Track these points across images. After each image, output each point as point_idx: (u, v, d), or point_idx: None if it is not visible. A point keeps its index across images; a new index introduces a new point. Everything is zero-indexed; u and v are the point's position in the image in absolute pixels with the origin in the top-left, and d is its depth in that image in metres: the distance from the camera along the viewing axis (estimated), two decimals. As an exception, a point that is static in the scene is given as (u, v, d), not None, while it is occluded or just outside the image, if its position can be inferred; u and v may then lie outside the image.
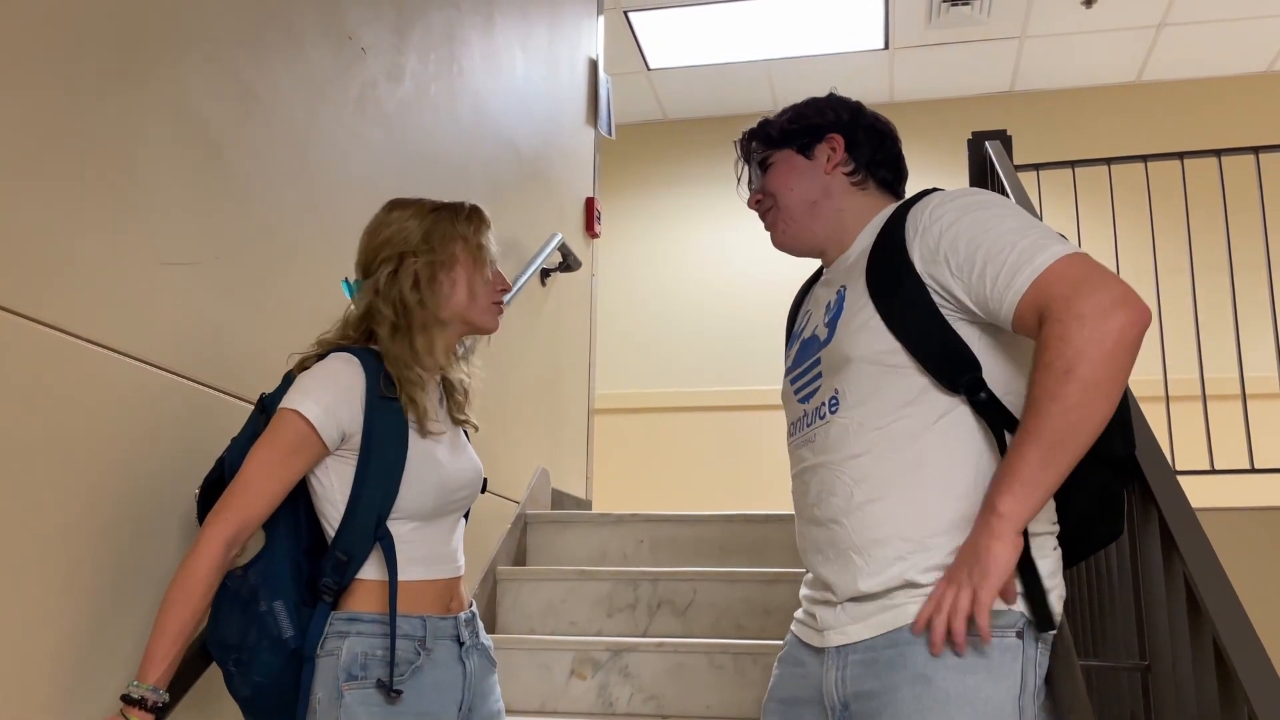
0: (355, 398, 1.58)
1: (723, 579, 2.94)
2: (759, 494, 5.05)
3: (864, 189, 1.55)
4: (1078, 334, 1.22)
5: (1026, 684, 1.30)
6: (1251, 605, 1.43)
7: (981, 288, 1.31)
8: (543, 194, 3.85)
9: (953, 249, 1.34)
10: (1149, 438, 1.67)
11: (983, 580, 1.25)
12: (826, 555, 1.41)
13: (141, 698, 1.44)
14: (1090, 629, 1.92)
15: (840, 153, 1.55)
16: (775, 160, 1.59)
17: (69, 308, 1.58)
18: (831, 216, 1.54)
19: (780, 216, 1.58)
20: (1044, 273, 1.27)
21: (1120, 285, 1.24)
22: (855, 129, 1.56)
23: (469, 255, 1.69)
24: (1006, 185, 2.93)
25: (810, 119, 1.58)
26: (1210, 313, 3.69)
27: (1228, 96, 5.74)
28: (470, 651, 1.65)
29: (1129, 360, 1.23)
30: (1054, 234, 1.33)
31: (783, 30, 5.50)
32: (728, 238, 6.12)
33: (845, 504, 1.38)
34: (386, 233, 1.69)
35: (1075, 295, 1.24)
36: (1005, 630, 1.30)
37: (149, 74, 1.78)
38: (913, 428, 1.35)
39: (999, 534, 1.25)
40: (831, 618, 1.39)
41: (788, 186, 1.56)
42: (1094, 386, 1.22)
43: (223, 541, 1.51)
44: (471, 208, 1.73)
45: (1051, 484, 1.26)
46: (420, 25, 2.85)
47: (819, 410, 1.45)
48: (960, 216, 1.35)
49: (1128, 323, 1.22)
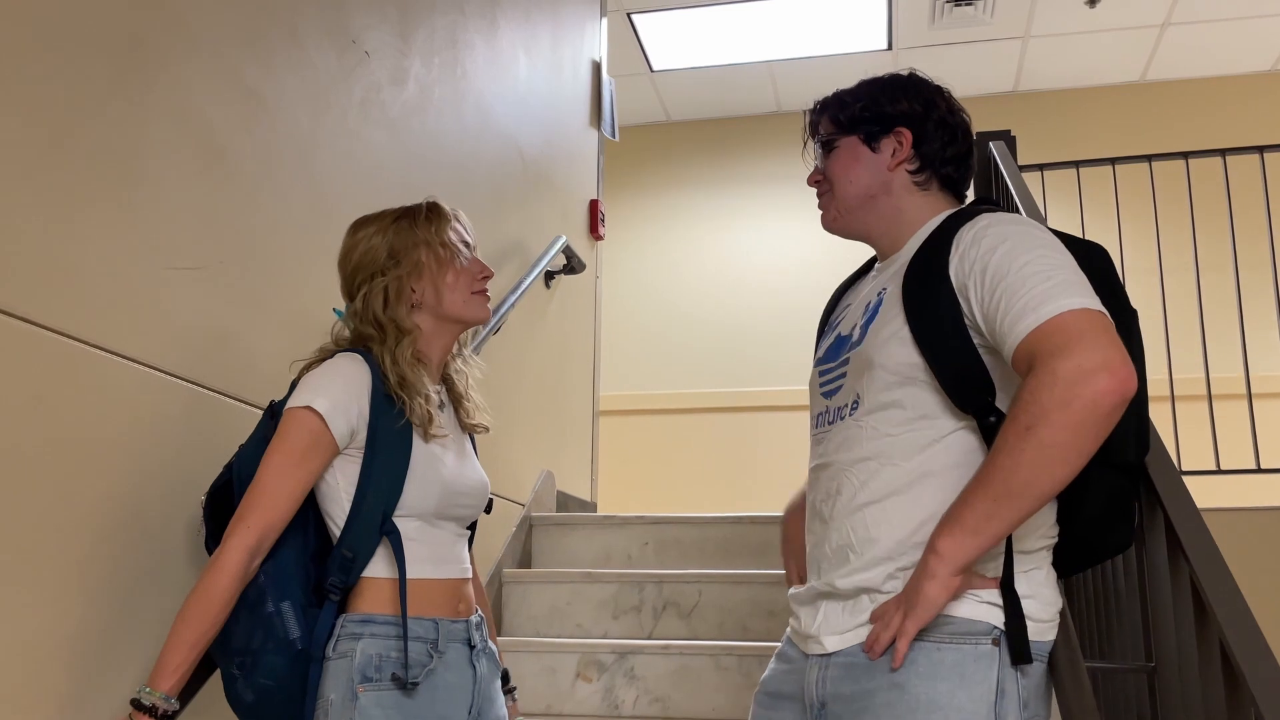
0: (362, 395, 1.59)
1: (728, 581, 2.94)
2: (764, 495, 5.04)
3: (925, 189, 1.52)
4: (1047, 393, 1.21)
5: (1005, 691, 1.30)
6: (1258, 606, 1.43)
7: (993, 323, 1.31)
8: (547, 196, 3.85)
9: (981, 277, 1.34)
10: (1155, 438, 1.66)
11: (910, 613, 1.29)
12: (825, 551, 1.44)
13: (153, 705, 1.44)
14: (1096, 630, 1.91)
15: (906, 149, 1.50)
16: (840, 145, 1.54)
17: (73, 312, 1.58)
18: (888, 213, 1.52)
19: (834, 204, 1.55)
20: (1045, 323, 1.25)
21: (1109, 351, 1.21)
22: (926, 123, 1.51)
23: (434, 257, 1.68)
24: (1010, 186, 2.93)
25: (883, 107, 1.52)
26: (1215, 312, 3.69)
27: (1232, 96, 5.73)
28: (480, 655, 1.66)
29: (1098, 427, 1.21)
30: (1078, 284, 1.30)
31: (786, 31, 5.50)
32: (732, 239, 6.12)
33: (848, 504, 1.40)
34: (355, 257, 1.71)
35: (1059, 353, 1.22)
36: (980, 638, 1.31)
37: (153, 78, 1.79)
38: (921, 440, 1.37)
39: (933, 573, 1.27)
40: (813, 625, 1.42)
41: (847, 177, 1.53)
42: (1051, 448, 1.21)
43: (246, 551, 1.50)
44: (429, 207, 1.73)
45: (996, 534, 1.26)
46: (424, 29, 2.85)
47: (840, 410, 1.46)
48: (998, 245, 1.34)
49: (1103, 391, 1.20)
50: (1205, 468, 3.34)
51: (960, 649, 1.31)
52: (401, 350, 1.64)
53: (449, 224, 1.72)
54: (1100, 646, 1.89)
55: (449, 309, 1.69)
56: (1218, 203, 3.65)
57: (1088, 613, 1.94)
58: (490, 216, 3.29)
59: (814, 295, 5.59)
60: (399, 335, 1.65)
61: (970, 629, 1.31)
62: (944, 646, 1.30)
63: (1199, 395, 3.50)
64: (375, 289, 1.66)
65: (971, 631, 1.31)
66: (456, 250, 1.70)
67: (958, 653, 1.30)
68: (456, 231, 1.73)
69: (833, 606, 1.40)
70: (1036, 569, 1.37)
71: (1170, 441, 2.99)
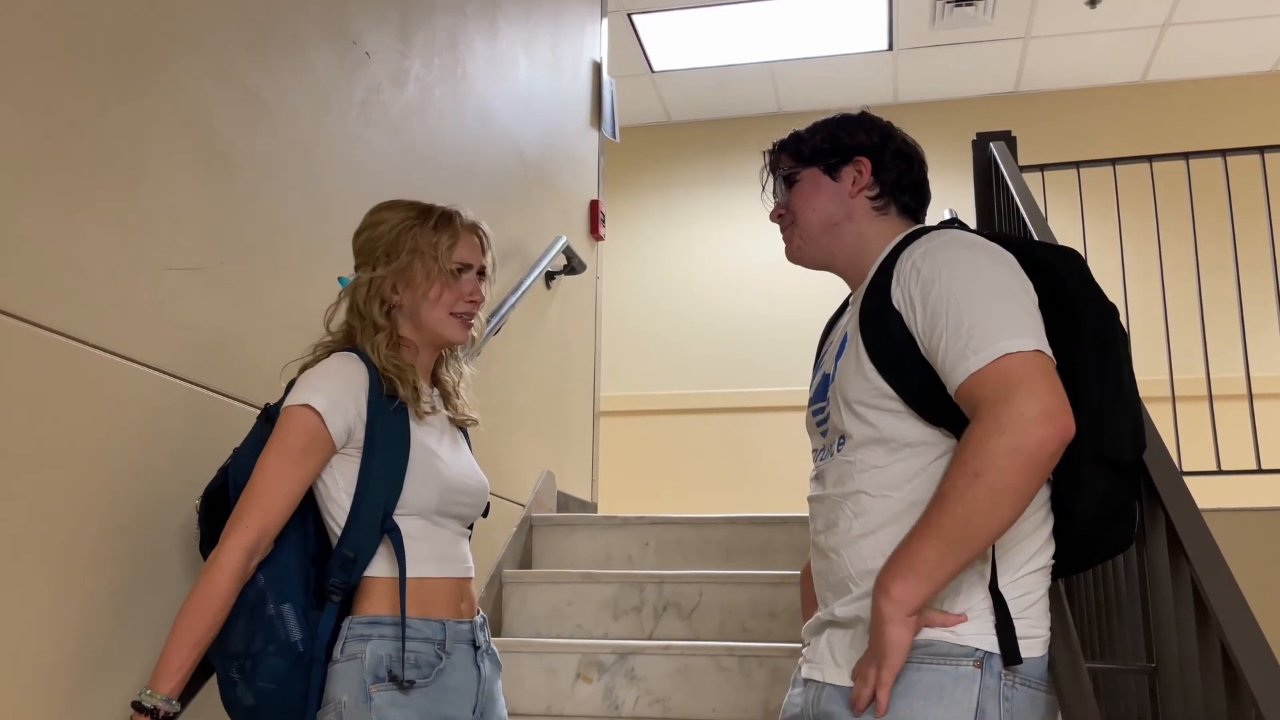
0: (359, 394, 1.59)
1: (729, 581, 2.94)
2: (765, 496, 5.04)
3: (885, 214, 1.55)
4: (995, 441, 1.25)
5: (985, 712, 1.31)
6: (1259, 607, 1.43)
7: (934, 358, 1.35)
8: (547, 197, 3.85)
9: (922, 309, 1.37)
10: (1155, 438, 1.66)
11: (883, 663, 1.30)
12: (829, 581, 1.46)
13: (154, 707, 1.44)
14: (1097, 631, 1.91)
15: (866, 176, 1.55)
16: (801, 178, 1.58)
17: (74, 313, 1.58)
18: (850, 240, 1.55)
19: (797, 234, 1.59)
20: (984, 369, 1.28)
21: (1048, 399, 1.25)
22: (884, 152, 1.56)
23: (423, 268, 1.66)
24: (1011, 186, 2.93)
25: (841, 139, 1.57)
26: (1216, 313, 3.68)
27: (1233, 96, 5.73)
28: (483, 655, 1.66)
29: (1040, 472, 1.26)
30: (1017, 320, 1.32)
31: (786, 32, 5.50)
32: (732, 239, 6.12)
33: (844, 537, 1.43)
34: (361, 239, 1.72)
35: (1001, 401, 1.26)
36: (961, 659, 1.33)
37: (154, 80, 1.79)
38: (908, 471, 1.39)
39: (890, 618, 1.29)
40: (816, 653, 1.46)
41: (810, 206, 1.57)
42: (1000, 493, 1.25)
43: (244, 550, 1.50)
44: (441, 215, 1.70)
45: (946, 577, 1.29)
46: (424, 30, 2.85)
47: (829, 447, 1.50)
48: (935, 278, 1.37)
49: (1045, 438, 1.24)
50: (1206, 468, 3.34)
51: (939, 669, 1.32)
52: (377, 342, 1.65)
53: (455, 239, 1.69)
54: (1101, 647, 1.89)
55: (424, 322, 1.69)
56: (1218, 203, 3.65)
57: (1088, 613, 1.94)
58: (491, 217, 3.26)
59: (814, 296, 5.59)
60: (374, 329, 1.66)
61: (952, 651, 1.33)
62: (923, 667, 1.33)
63: (1200, 396, 3.49)
64: (361, 279, 1.68)
65: (952, 654, 1.33)
66: (448, 268, 1.67)
67: (937, 673, 1.32)
68: (466, 247, 1.70)
69: (835, 635, 1.43)
70: (1029, 594, 1.37)
71: (1171, 442, 2.98)
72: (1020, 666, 1.33)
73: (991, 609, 1.34)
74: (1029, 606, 1.37)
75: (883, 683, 1.31)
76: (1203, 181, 3.72)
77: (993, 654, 1.32)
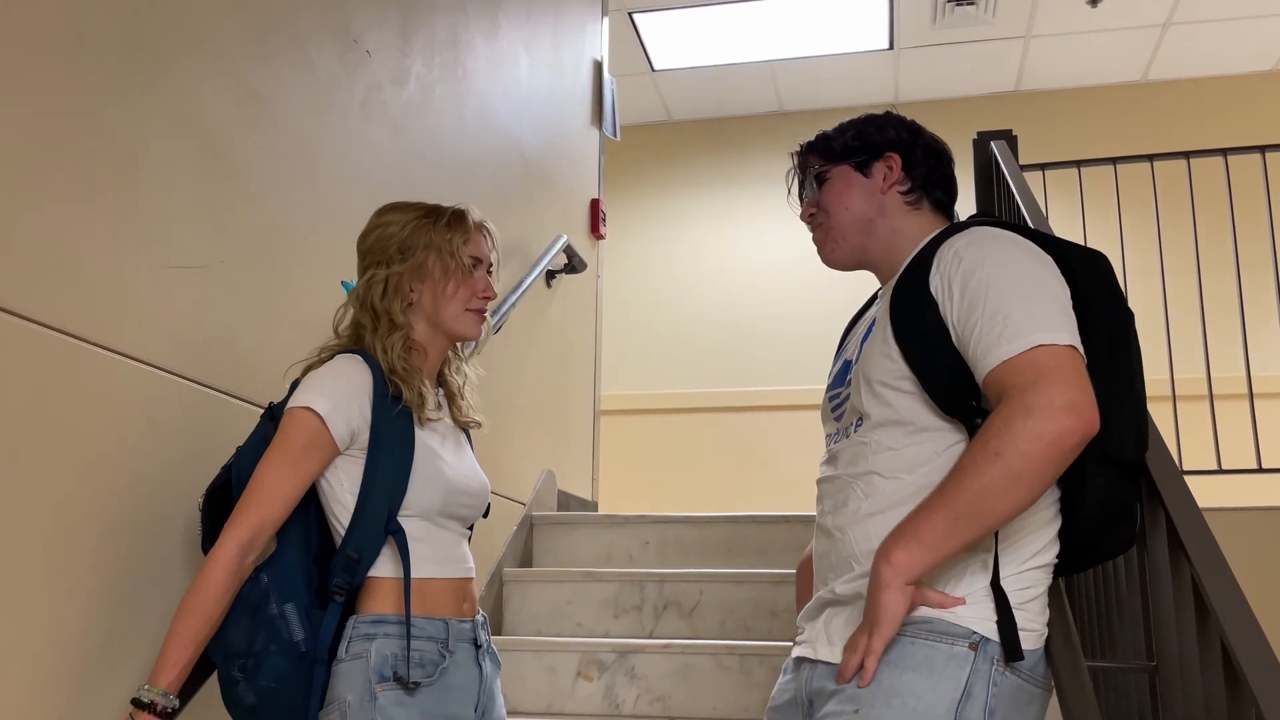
0: (363, 396, 1.60)
1: (729, 580, 2.94)
2: (765, 495, 5.04)
3: (918, 209, 1.56)
4: (1020, 424, 1.26)
5: (973, 695, 1.31)
6: (1259, 605, 1.43)
7: (966, 345, 1.36)
8: (548, 196, 3.85)
9: (961, 298, 1.38)
10: (1156, 437, 1.66)
11: (875, 630, 1.30)
12: (831, 561, 1.46)
13: (151, 702, 1.44)
14: (1097, 630, 1.91)
15: (897, 171, 1.55)
16: (832, 175, 1.58)
17: (75, 311, 1.58)
18: (885, 236, 1.56)
19: (830, 234, 1.59)
20: (1017, 357, 1.30)
21: (1077, 392, 1.27)
22: (914, 148, 1.57)
23: (440, 264, 1.68)
24: (1012, 185, 2.92)
25: (871, 136, 1.58)
26: (1217, 312, 3.68)
27: (1234, 96, 5.73)
28: (484, 654, 1.67)
29: (1059, 462, 1.27)
30: (1053, 314, 1.34)
31: (787, 31, 5.50)
32: (733, 238, 6.12)
33: (853, 516, 1.42)
34: (370, 240, 1.72)
35: (1030, 388, 1.27)
36: (957, 639, 1.33)
37: (154, 78, 1.79)
38: (924, 454, 1.39)
39: (887, 583, 1.29)
40: (813, 633, 1.45)
41: (843, 204, 1.57)
42: (1018, 475, 1.26)
43: (239, 546, 1.51)
44: (453, 214, 1.73)
45: (951, 550, 1.29)
46: (425, 29, 2.85)
47: (845, 429, 1.50)
48: (976, 267, 1.38)
49: (1069, 428, 1.25)
50: (1206, 467, 3.34)
51: (933, 645, 1.32)
52: (392, 342, 1.65)
53: (468, 235, 1.71)
54: (1101, 646, 1.89)
55: (441, 318, 1.70)
56: (1219, 202, 3.65)
57: (1089, 612, 1.94)
58: (491, 216, 3.24)
59: (815, 295, 5.62)
60: (391, 328, 1.66)
61: (949, 630, 1.33)
62: (918, 641, 1.32)
63: (1200, 395, 3.49)
64: (377, 277, 1.68)
65: (950, 633, 1.33)
66: (464, 263, 1.70)
67: (930, 649, 1.32)
68: (476, 245, 1.73)
69: (834, 613, 1.43)
70: (1029, 588, 1.38)
71: (1171, 441, 2.99)
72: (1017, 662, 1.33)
73: (992, 599, 1.34)
74: (1028, 600, 1.37)
75: (873, 650, 1.30)
76: (1203, 181, 3.72)
77: (989, 640, 1.32)
